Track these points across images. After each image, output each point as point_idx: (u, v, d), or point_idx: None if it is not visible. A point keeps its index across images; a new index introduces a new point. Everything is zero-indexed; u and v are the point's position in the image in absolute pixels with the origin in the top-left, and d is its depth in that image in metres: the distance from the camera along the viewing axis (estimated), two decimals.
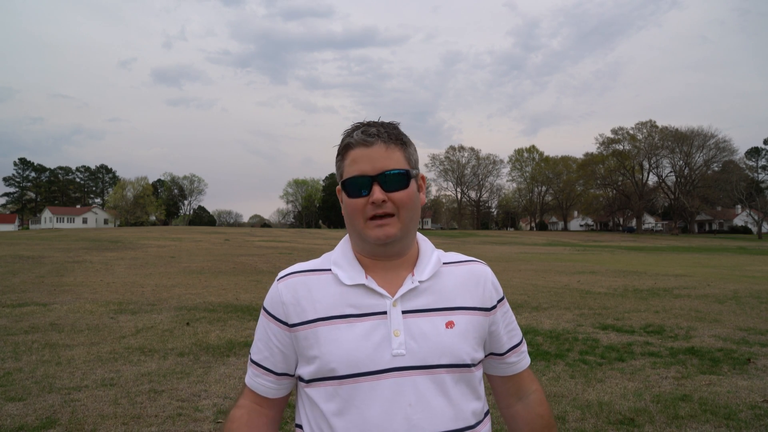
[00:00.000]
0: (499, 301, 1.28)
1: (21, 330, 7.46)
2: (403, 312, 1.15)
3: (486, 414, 1.22)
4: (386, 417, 1.08)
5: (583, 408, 4.56)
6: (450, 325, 1.17)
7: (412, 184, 1.17)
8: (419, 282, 1.18)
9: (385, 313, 1.15)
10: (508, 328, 1.30)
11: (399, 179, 1.15)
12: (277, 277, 1.25)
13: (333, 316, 1.15)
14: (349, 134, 1.18)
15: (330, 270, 1.21)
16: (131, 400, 4.59)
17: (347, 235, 1.29)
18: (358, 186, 1.14)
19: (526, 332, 7.46)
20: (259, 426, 1.22)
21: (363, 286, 1.17)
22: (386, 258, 1.21)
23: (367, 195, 1.14)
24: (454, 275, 1.24)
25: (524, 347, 1.35)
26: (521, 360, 1.33)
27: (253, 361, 1.24)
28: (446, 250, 1.34)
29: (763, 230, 67.92)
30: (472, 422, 1.16)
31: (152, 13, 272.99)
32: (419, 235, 1.28)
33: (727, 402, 4.72)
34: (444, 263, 1.25)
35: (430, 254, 1.25)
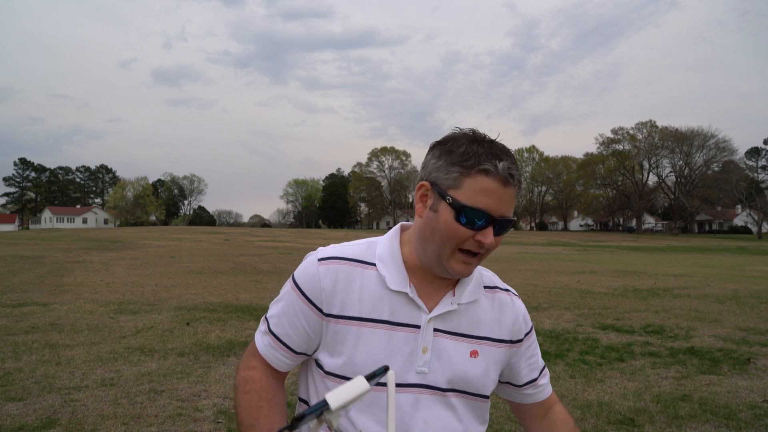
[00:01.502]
0: (527, 333, 1.26)
1: (21, 330, 7.46)
2: (434, 329, 1.14)
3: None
4: (403, 428, 1.10)
5: (583, 408, 4.57)
6: (474, 354, 1.16)
7: None
8: (458, 304, 1.16)
9: (418, 327, 1.13)
10: (530, 361, 1.28)
11: (507, 227, 1.09)
12: (318, 257, 1.16)
13: (372, 319, 1.12)
14: (489, 155, 1.04)
15: (374, 265, 1.15)
16: (131, 400, 4.59)
17: (398, 227, 1.22)
18: (475, 219, 1.04)
19: None
20: (277, 392, 1.18)
21: (405, 294, 1.13)
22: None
23: (477, 231, 1.05)
24: (489, 303, 1.22)
25: (544, 380, 1.31)
26: (540, 392, 1.29)
27: (272, 332, 1.18)
28: None
29: (763, 230, 67.91)
30: None
31: (152, 14, 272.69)
32: None
33: (727, 402, 4.72)
34: (484, 287, 1.22)
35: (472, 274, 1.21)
